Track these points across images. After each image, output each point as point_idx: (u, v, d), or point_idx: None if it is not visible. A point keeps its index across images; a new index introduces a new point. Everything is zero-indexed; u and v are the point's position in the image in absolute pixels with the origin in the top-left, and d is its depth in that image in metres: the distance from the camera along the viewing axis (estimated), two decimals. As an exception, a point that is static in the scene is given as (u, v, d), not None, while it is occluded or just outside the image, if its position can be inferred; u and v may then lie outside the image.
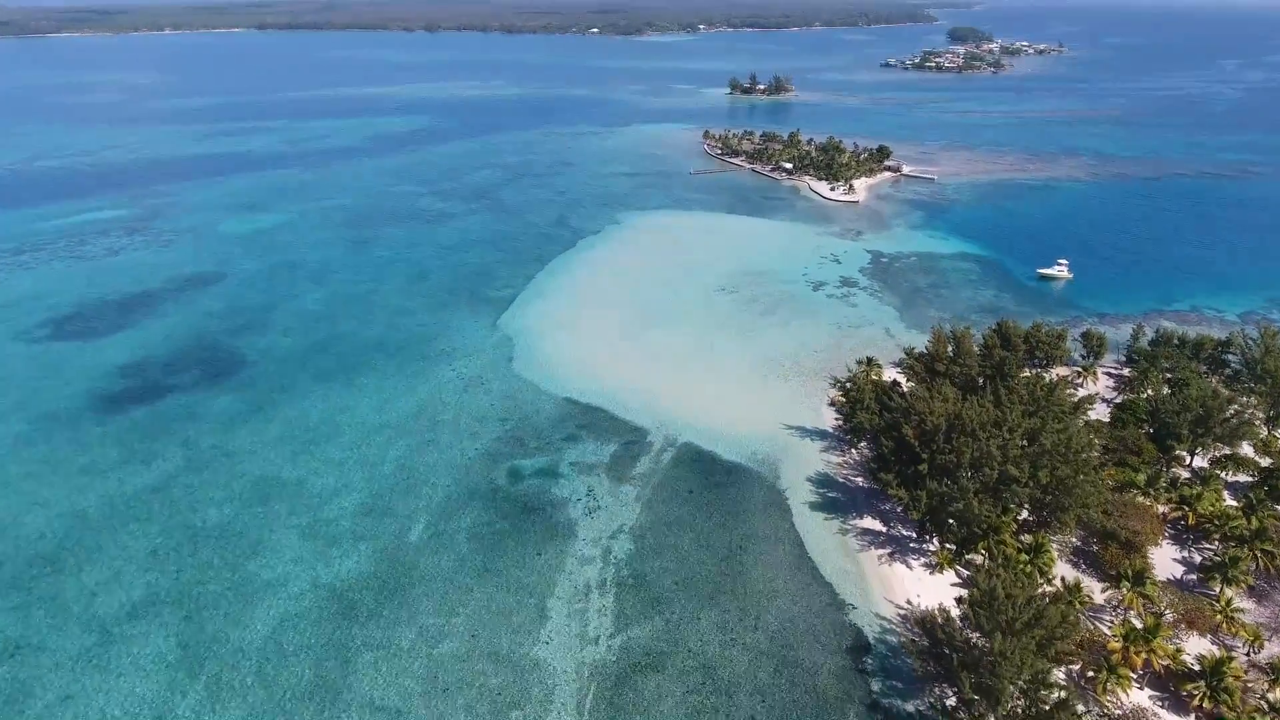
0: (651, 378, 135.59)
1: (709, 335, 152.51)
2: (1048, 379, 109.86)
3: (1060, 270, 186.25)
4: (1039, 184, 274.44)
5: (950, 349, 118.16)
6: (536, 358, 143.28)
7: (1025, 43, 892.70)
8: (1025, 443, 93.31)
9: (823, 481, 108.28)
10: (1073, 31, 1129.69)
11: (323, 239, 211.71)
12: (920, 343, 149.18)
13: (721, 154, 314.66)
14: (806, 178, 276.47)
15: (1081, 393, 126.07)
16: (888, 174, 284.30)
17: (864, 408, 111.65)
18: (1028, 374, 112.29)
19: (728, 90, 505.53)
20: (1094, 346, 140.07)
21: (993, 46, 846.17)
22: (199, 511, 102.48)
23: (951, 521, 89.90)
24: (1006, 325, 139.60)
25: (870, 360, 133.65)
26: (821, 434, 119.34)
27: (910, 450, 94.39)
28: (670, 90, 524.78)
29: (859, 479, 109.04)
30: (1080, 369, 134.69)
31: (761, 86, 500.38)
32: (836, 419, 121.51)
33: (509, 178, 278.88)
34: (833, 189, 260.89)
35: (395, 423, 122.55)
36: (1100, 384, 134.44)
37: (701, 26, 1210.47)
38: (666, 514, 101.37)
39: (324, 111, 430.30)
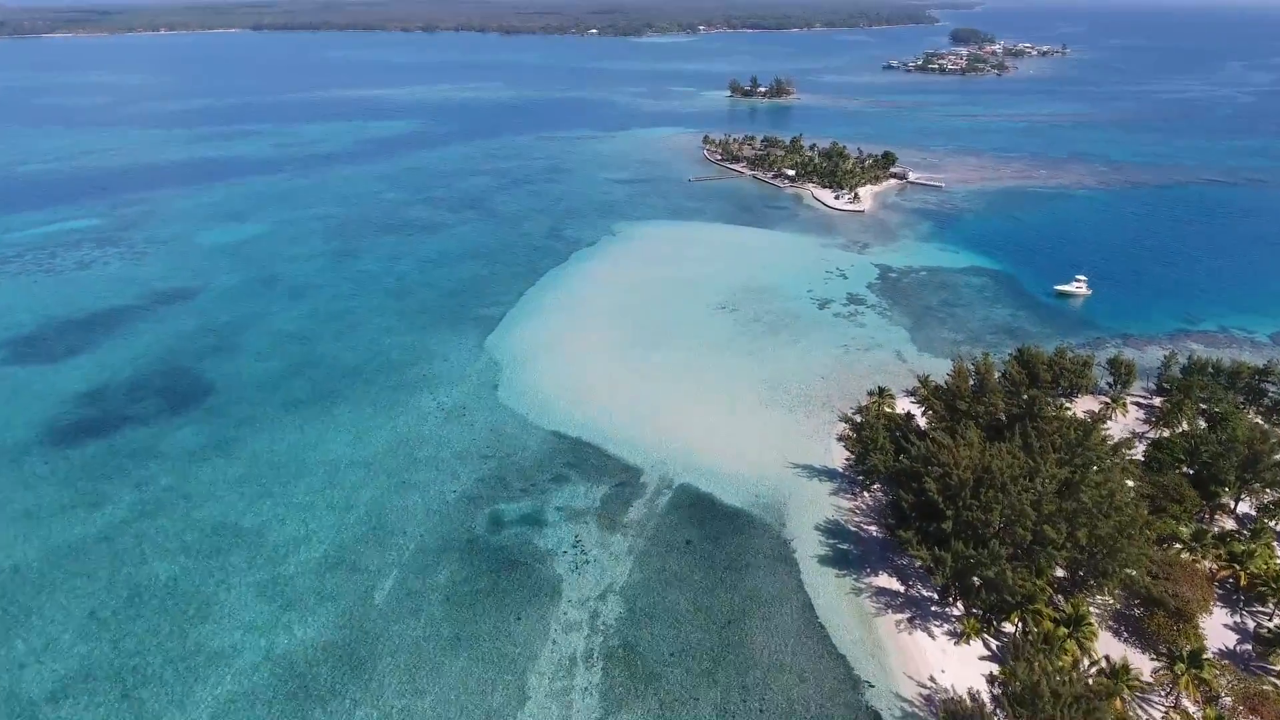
0: (646, 408, 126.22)
1: (708, 359, 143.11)
2: (1082, 417, 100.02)
3: (1078, 287, 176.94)
4: (1050, 192, 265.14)
5: (972, 383, 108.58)
6: (524, 385, 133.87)
7: (1028, 44, 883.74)
8: (1060, 495, 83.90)
9: (833, 530, 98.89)
10: (1075, 33, 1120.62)
11: (305, 251, 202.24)
12: (934, 367, 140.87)
13: (721, 160, 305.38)
14: (810, 185, 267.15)
15: (1113, 428, 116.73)
16: (893, 181, 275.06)
17: (877, 448, 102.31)
18: (1057, 409, 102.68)
19: (728, 93, 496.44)
20: (1121, 374, 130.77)
21: (995, 48, 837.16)
22: (147, 565, 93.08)
23: (979, 584, 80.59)
24: (1029, 352, 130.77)
25: (882, 391, 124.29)
26: (830, 474, 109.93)
27: (932, 504, 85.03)
28: (669, 93, 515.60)
29: (872, 528, 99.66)
30: (1109, 400, 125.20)
31: (762, 89, 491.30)
32: (847, 457, 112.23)
33: (502, 185, 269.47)
34: (837, 197, 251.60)
35: (369, 460, 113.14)
36: (1130, 416, 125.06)
37: (701, 27, 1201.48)
38: (661, 569, 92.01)
39: (315, 115, 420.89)
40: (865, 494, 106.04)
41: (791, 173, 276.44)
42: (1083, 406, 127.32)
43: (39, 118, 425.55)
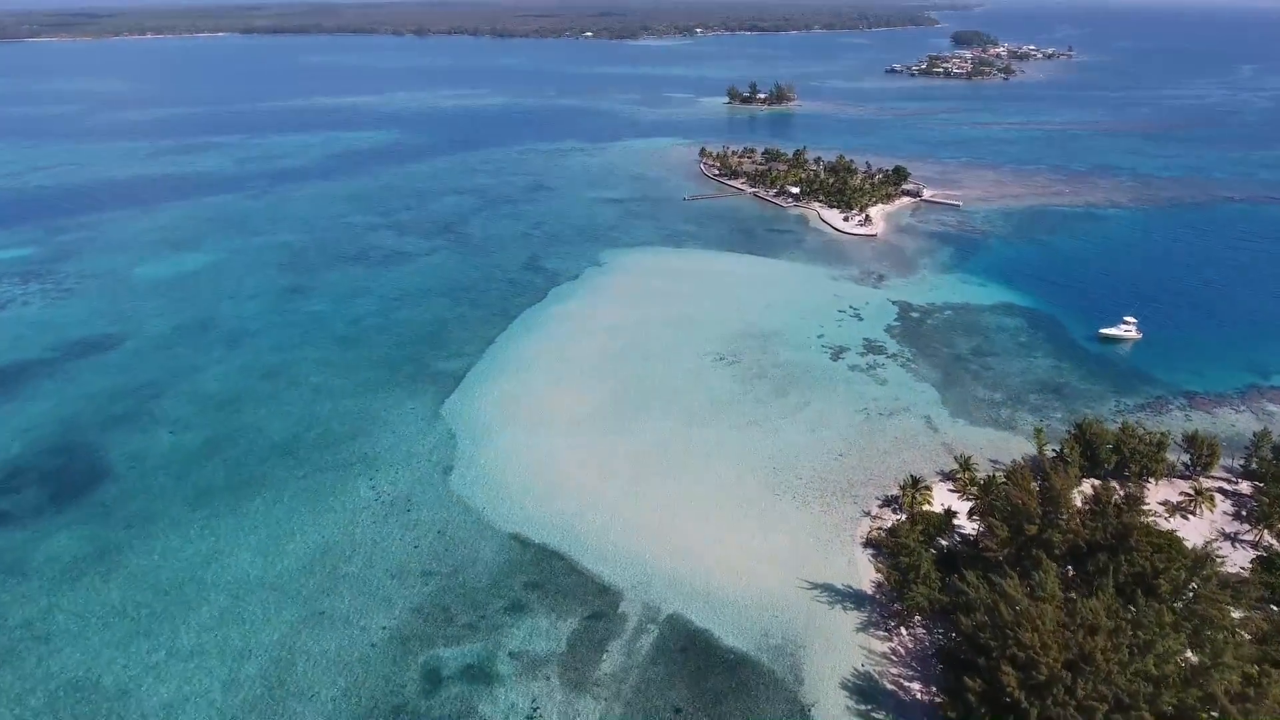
0: (628, 501, 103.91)
1: (704, 431, 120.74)
2: (1191, 547, 77.07)
3: (1127, 330, 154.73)
4: (1078, 211, 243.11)
5: (1037, 484, 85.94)
6: (481, 468, 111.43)
7: (1032, 47, 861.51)
8: (1186, 682, 61.61)
9: (864, 688, 76.53)
10: (1079, 35, 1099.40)
11: (251, 287, 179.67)
12: (972, 439, 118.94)
13: (719, 176, 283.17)
14: (815, 205, 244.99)
15: (1198, 523, 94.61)
16: (906, 199, 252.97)
17: (920, 577, 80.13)
18: (1148, 524, 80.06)
19: (726, 100, 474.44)
20: (1202, 455, 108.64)
21: (1000, 51, 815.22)
22: (-34, 751, 70.79)
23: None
24: (1090, 428, 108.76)
25: (915, 483, 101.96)
26: (857, 599, 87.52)
27: (1002, 688, 62.68)
28: (665, 100, 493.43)
29: (915, 684, 77.36)
30: (1192, 492, 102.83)
31: (762, 95, 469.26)
32: (876, 572, 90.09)
33: (479, 206, 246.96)
34: (846, 219, 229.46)
35: (281, 580, 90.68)
36: (1218, 511, 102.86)
37: (699, 30, 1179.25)
38: (642, 760, 69.80)
39: (288, 125, 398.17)
40: (903, 629, 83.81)
41: (796, 190, 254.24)
42: (1158, 494, 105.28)
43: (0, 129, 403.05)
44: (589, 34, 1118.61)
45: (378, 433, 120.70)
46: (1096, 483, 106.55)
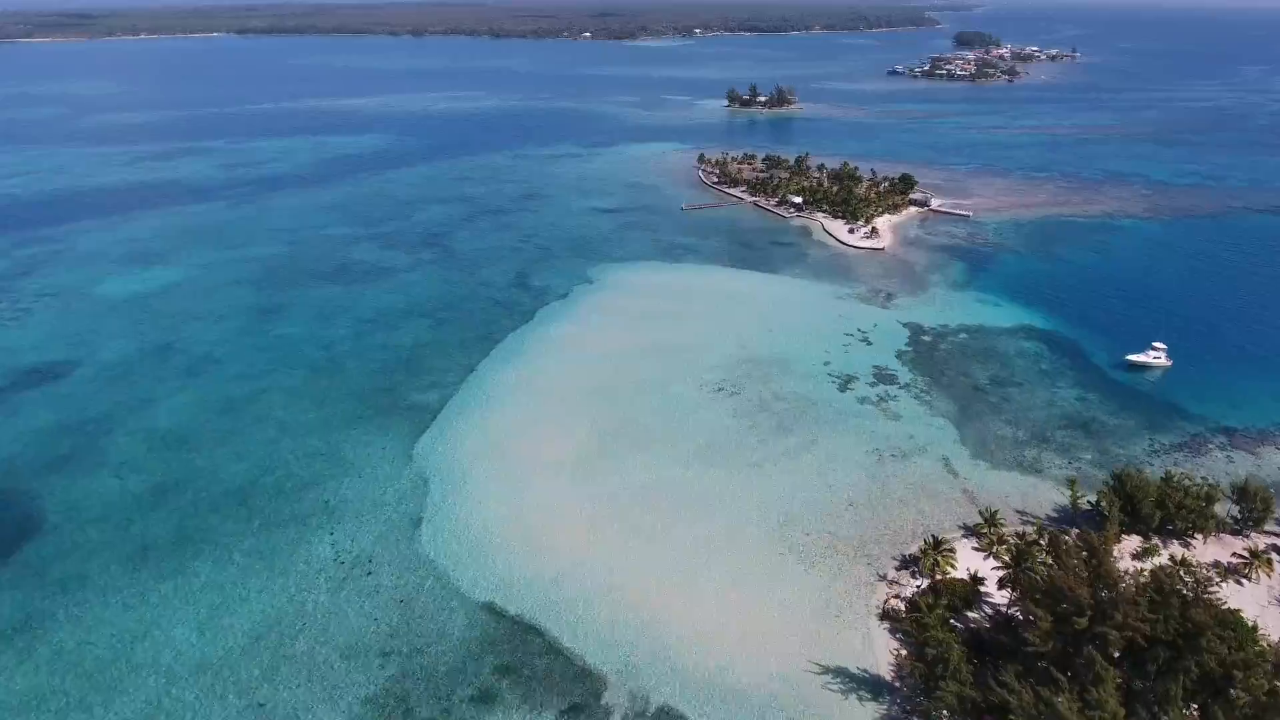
0: (615, 562, 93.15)
1: (701, 475, 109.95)
2: (1270, 645, 66.06)
3: (1156, 357, 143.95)
4: (1093, 222, 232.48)
5: (1082, 561, 75.05)
6: (454, 520, 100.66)
7: (1035, 48, 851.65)
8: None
9: (886, 806, 65.89)
10: (1082, 35, 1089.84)
11: (220, 307, 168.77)
12: (995, 485, 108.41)
13: (719, 184, 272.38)
14: (819, 215, 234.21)
15: (1254, 590, 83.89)
16: (914, 209, 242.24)
17: (949, 671, 69.39)
18: (1217, 608, 69.09)
19: (725, 103, 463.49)
20: (1255, 507, 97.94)
21: (1003, 52, 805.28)
22: None
23: None
24: (1130, 480, 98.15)
25: (938, 544, 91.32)
26: (875, 686, 76.70)
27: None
28: (663, 102, 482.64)
29: (945, 799, 66.64)
30: (1247, 554, 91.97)
31: (762, 99, 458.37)
32: (896, 654, 79.40)
33: (467, 216, 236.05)
34: (851, 231, 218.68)
35: (220, 661, 79.87)
36: (1277, 575, 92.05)
37: (698, 31, 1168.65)
38: None
39: (277, 129, 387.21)
40: (929, 726, 73.05)
41: (798, 200, 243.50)
42: (1207, 554, 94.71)
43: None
44: (587, 34, 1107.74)
45: (343, 477, 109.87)
46: (1139, 541, 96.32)
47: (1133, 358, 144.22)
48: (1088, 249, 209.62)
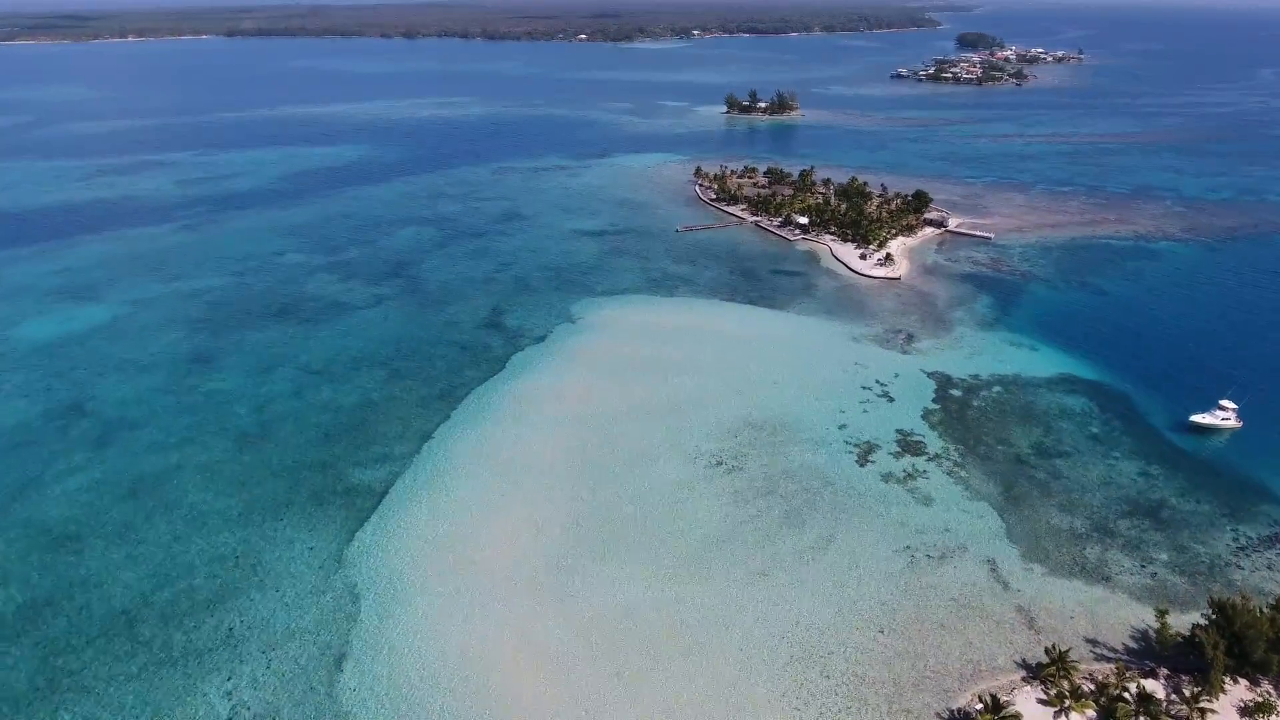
0: (589, 716, 73.02)
1: (695, 591, 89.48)
2: None
3: (1225, 418, 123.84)
4: (1126, 245, 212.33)
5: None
6: (388, 658, 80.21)
7: (1041, 50, 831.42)
8: None
9: None
10: (1085, 36, 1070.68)
11: (147, 354, 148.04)
12: (1056, 596, 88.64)
13: (717, 200, 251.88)
14: (827, 238, 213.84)
15: None
16: (930, 230, 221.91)
17: None
18: None
19: (724, 109, 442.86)
20: (1393, 648, 77.65)
21: (1008, 54, 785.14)
22: None
23: None
24: (1238, 615, 77.70)
25: (997, 705, 71.03)
26: None
27: None
28: (659, 109, 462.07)
29: None
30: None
31: (763, 104, 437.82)
32: None
33: (440, 240, 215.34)
34: (863, 257, 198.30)
35: None
36: None
37: (696, 32, 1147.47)
38: None
39: (249, 139, 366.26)
40: None
41: (804, 220, 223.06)
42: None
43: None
44: (583, 36, 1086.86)
45: (255, 592, 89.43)
46: (1247, 690, 76.06)
47: (1197, 419, 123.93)
48: (1125, 277, 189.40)
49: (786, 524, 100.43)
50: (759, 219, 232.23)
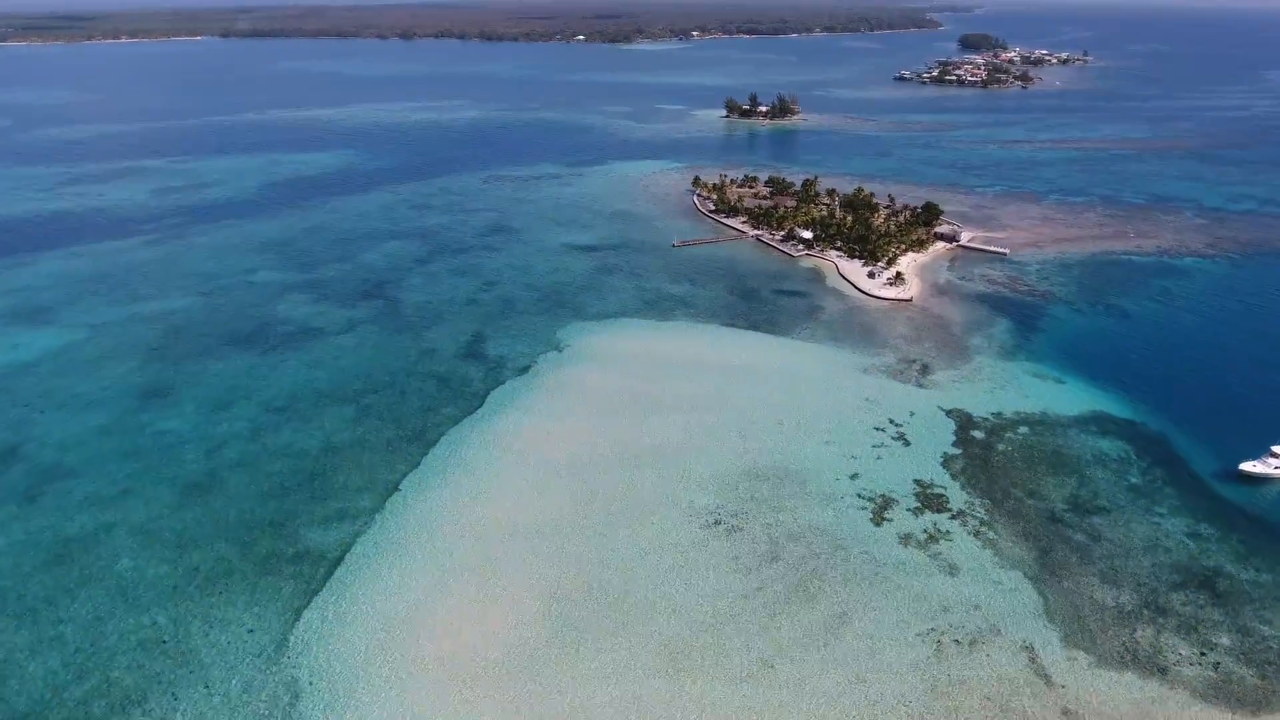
0: None
1: (688, 686, 77.40)
2: None
3: (1279, 466, 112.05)
4: (1149, 261, 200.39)
5: None
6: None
7: (1045, 51, 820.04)
8: None
9: None
10: (1088, 37, 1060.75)
11: (96, 388, 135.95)
12: (1102, 694, 76.40)
13: (716, 212, 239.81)
14: (833, 254, 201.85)
15: None
16: (941, 245, 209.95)
17: None
18: None
19: (724, 113, 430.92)
20: None
21: (1012, 56, 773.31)
22: None
23: None
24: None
25: None
26: None
27: None
28: (656, 113, 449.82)
29: None
30: None
31: (763, 108, 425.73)
32: None
33: (423, 256, 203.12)
34: (872, 275, 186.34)
35: None
36: None
37: (695, 33, 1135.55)
38: None
39: (232, 144, 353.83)
40: None
41: (808, 235, 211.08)
42: None
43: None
44: (581, 37, 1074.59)
45: (181, 688, 77.38)
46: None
47: (1248, 468, 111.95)
48: (1151, 298, 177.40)
49: (793, 598, 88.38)
50: (760, 233, 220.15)
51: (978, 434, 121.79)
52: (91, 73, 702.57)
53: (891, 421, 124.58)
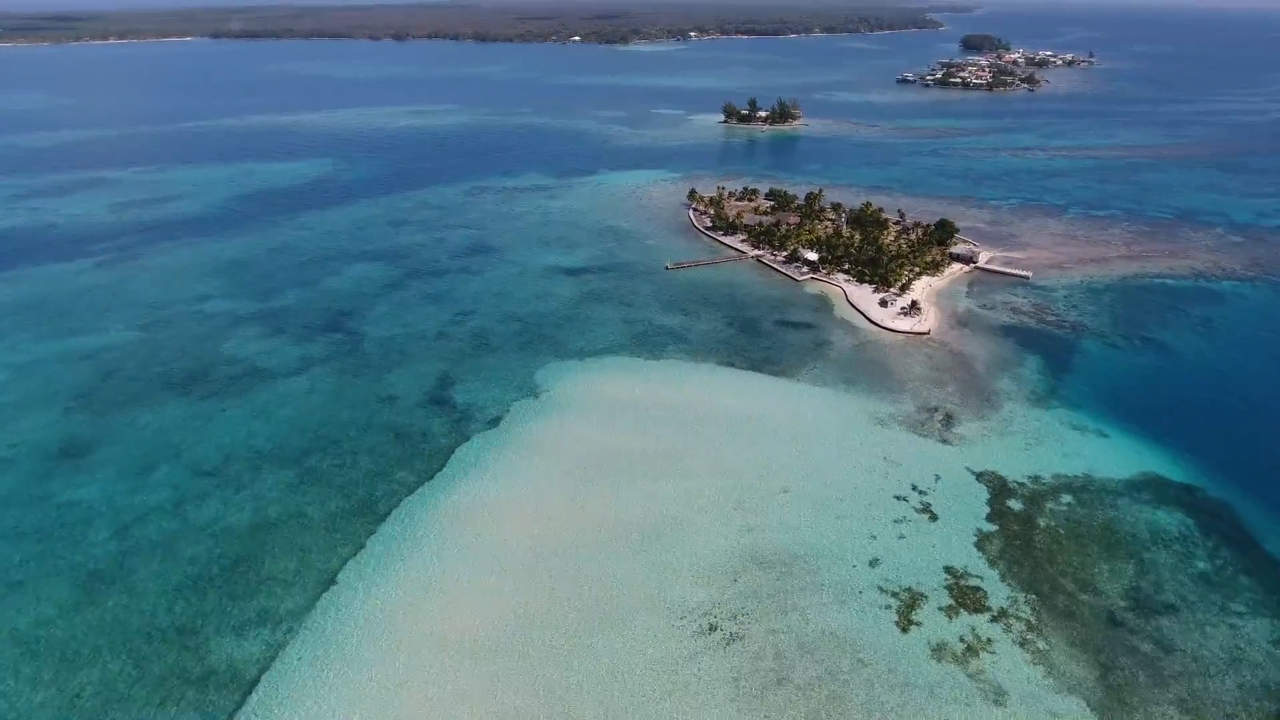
0: None
1: None
2: None
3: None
4: (1186, 285, 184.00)
5: None
6: None
7: (1049, 52, 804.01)
8: None
9: None
10: (1090, 38, 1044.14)
11: (5, 447, 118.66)
12: None
13: (713, 229, 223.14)
14: (840, 277, 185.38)
15: None
16: (957, 267, 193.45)
17: None
18: None
19: (722, 118, 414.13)
20: None
21: (1016, 57, 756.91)
22: None
23: None
24: None
25: None
26: None
27: None
28: (652, 118, 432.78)
29: None
30: None
31: (763, 113, 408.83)
32: None
33: (392, 281, 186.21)
34: (884, 303, 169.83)
35: None
36: None
37: (693, 34, 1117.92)
38: None
39: (203, 152, 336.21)
40: None
41: (812, 256, 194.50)
42: None
43: None
44: (576, 38, 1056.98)
45: None
46: None
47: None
48: (1192, 329, 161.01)
49: (806, 741, 71.93)
50: (761, 253, 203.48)
51: (1014, 504, 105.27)
52: (72, 75, 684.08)
53: (914, 488, 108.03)
